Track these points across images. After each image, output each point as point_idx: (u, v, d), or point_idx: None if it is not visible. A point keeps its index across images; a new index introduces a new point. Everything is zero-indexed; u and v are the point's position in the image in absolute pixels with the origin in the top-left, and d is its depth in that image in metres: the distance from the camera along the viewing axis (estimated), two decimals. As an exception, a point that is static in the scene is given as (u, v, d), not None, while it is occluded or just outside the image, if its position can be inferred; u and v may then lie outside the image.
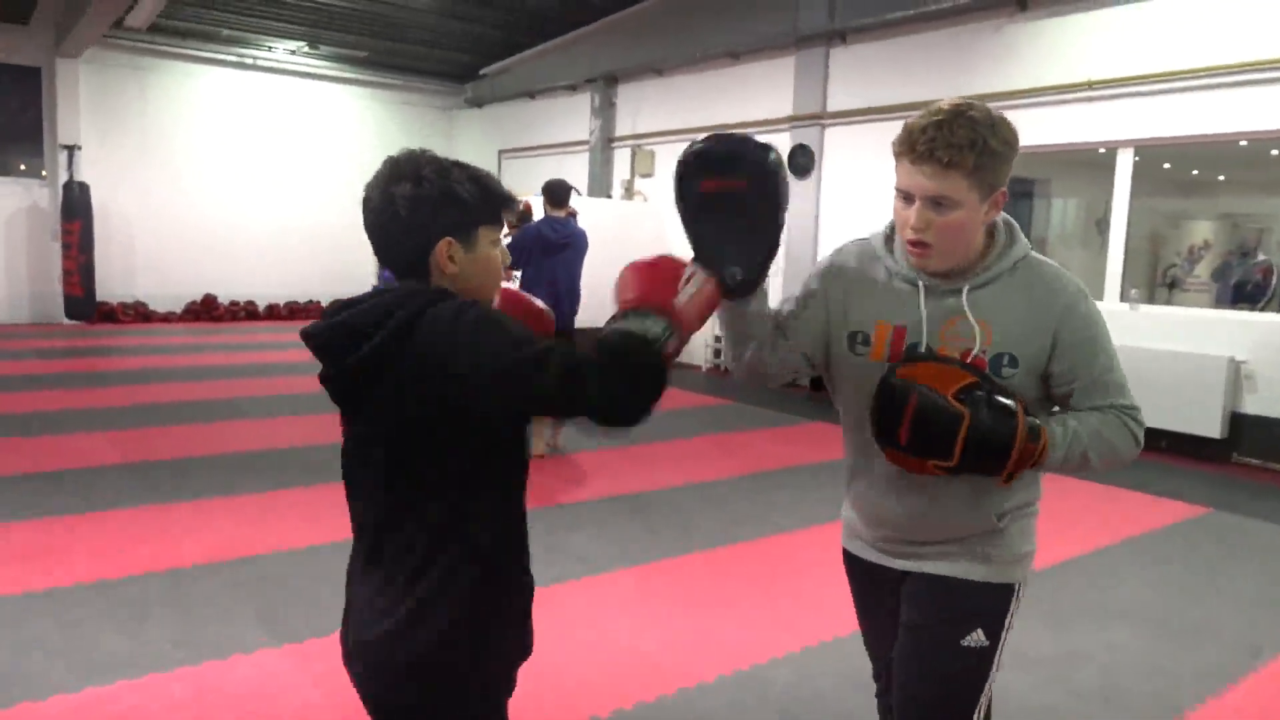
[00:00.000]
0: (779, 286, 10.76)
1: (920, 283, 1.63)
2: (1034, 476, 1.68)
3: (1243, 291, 9.44)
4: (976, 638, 1.64)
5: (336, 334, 1.33)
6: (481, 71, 14.65)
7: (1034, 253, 1.64)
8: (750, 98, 10.60)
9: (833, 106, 9.68)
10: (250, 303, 13.89)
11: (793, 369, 1.76)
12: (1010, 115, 1.56)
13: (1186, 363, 6.71)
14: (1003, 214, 1.64)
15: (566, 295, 5.85)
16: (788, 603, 3.68)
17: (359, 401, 1.37)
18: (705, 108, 11.15)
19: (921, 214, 1.53)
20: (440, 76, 15.47)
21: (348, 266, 13.83)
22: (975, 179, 1.50)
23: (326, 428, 2.29)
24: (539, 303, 1.64)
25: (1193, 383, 6.65)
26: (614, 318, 1.35)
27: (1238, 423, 6.71)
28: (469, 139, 16.11)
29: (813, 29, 9.52)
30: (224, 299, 13.75)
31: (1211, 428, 6.62)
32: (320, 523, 4.28)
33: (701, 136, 1.60)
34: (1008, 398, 1.53)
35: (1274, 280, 9.38)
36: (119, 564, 3.78)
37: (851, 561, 1.86)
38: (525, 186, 14.26)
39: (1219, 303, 9.58)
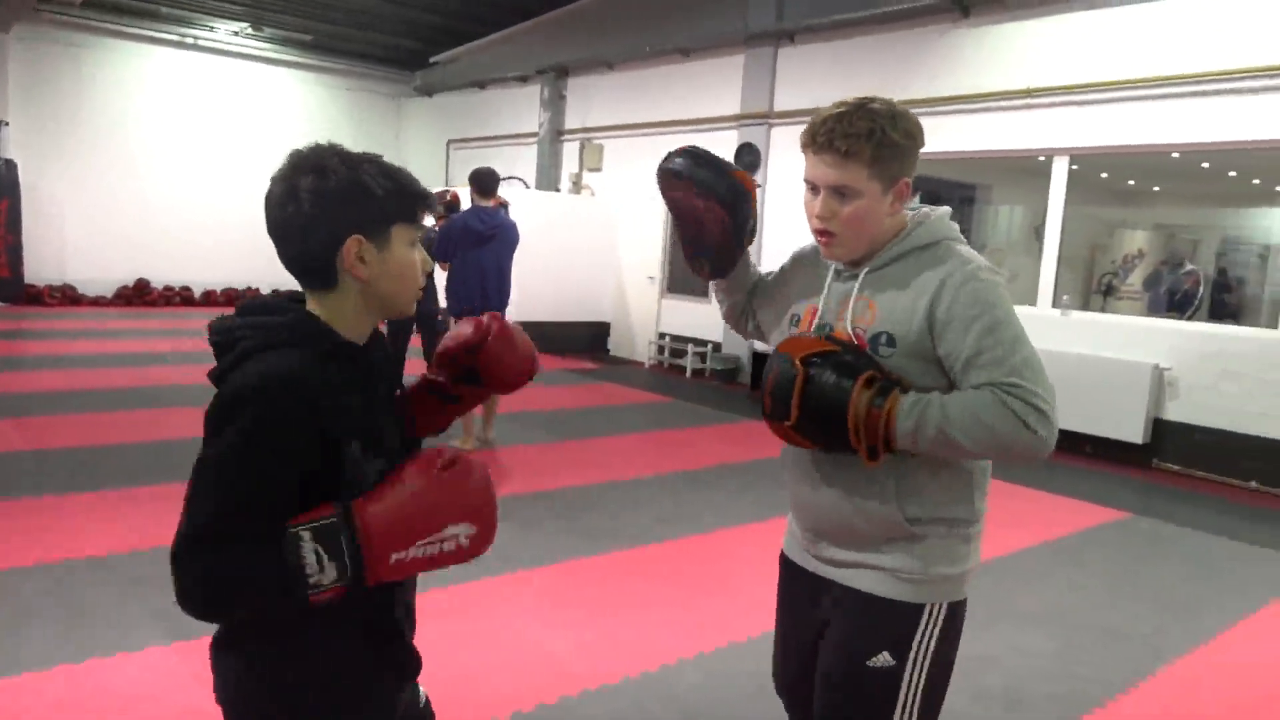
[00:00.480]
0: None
1: (833, 266, 1.68)
2: (968, 490, 1.63)
3: (1172, 300, 9.68)
4: (883, 659, 1.60)
5: (215, 337, 1.27)
6: (431, 59, 14.45)
7: (959, 245, 1.62)
8: (699, 95, 10.58)
9: (780, 106, 9.70)
10: (185, 289, 13.54)
11: (755, 332, 1.94)
12: (952, 120, 1.63)
13: (1112, 369, 6.84)
14: (939, 209, 1.66)
15: (495, 288, 5.74)
16: (706, 603, 3.65)
17: None
18: (655, 103, 11.11)
19: (826, 203, 1.57)
20: (388, 63, 15.24)
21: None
22: (875, 169, 1.53)
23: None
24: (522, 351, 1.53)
25: (1118, 389, 6.78)
26: (323, 514, 1.16)
27: (1160, 429, 6.86)
28: (417, 128, 15.88)
29: (762, 28, 9.53)
30: (158, 284, 13.38)
31: (1134, 433, 6.75)
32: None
33: (676, 150, 1.75)
34: (860, 368, 1.50)
35: (1201, 290, 9.63)
36: (5, 556, 3.62)
37: (783, 560, 1.86)
38: (473, 178, 14.21)
39: (1151, 311, 9.80)
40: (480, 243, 5.70)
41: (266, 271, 13.84)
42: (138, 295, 13.07)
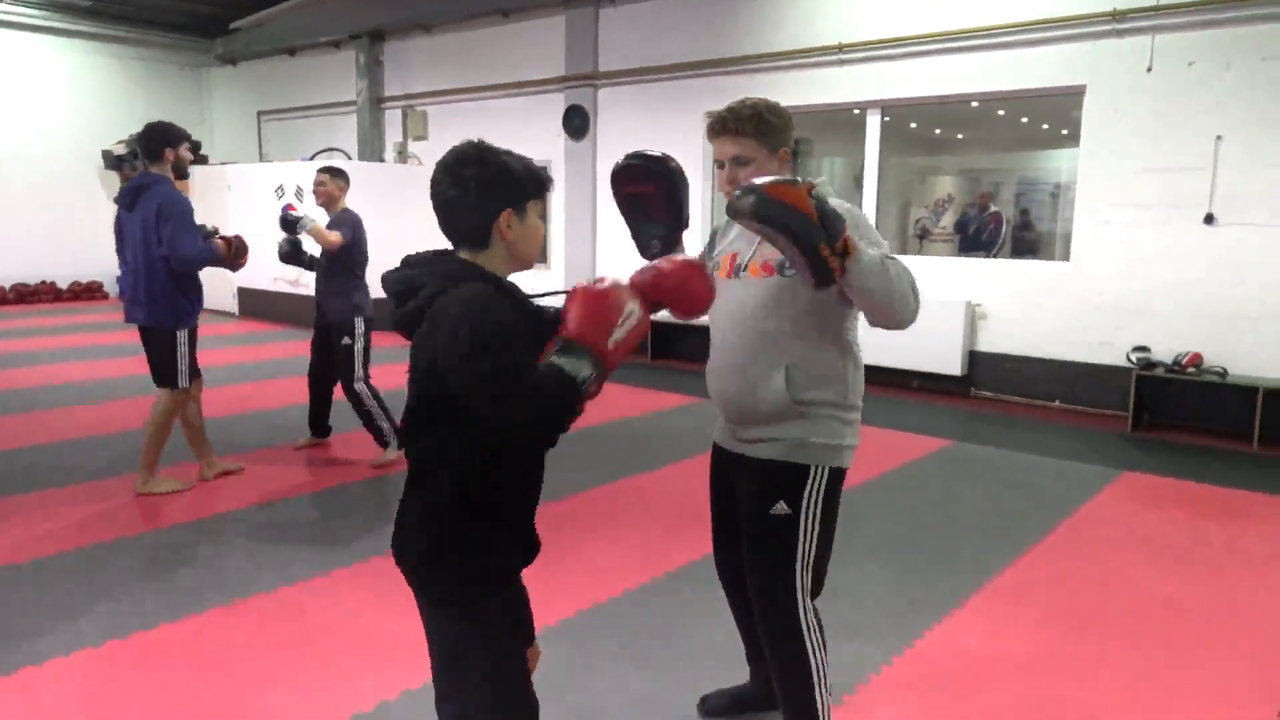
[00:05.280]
0: (561, 248, 10.65)
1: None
2: (839, 379, 2.16)
3: (979, 240, 10.40)
4: (780, 507, 2.13)
5: (398, 285, 1.65)
6: (232, 25, 13.44)
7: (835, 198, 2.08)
8: (523, 57, 10.38)
9: (605, 67, 9.65)
10: (-34, 286, 12.21)
11: None
12: (771, 76, 1.97)
13: (931, 307, 7.24)
14: (811, 179, 2.07)
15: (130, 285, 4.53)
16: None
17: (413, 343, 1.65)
18: (478, 68, 10.82)
19: (731, 170, 2.18)
20: (183, 30, 14.09)
21: (85, 245, 12.47)
22: (761, 140, 2.16)
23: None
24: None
25: (937, 326, 7.24)
26: (555, 348, 1.57)
27: (974, 359, 7.39)
28: (224, 100, 14.83)
29: (580, -13, 9.42)
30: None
31: (953, 366, 7.25)
32: (33, 535, 3.78)
33: (627, 155, 2.25)
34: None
35: (1004, 229, 10.40)
36: None
37: (714, 449, 2.41)
38: (288, 151, 13.41)
39: (962, 251, 10.49)
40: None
41: (61, 264, 12.67)
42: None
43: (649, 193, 2.22)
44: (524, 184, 1.67)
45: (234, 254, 4.61)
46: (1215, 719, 2.66)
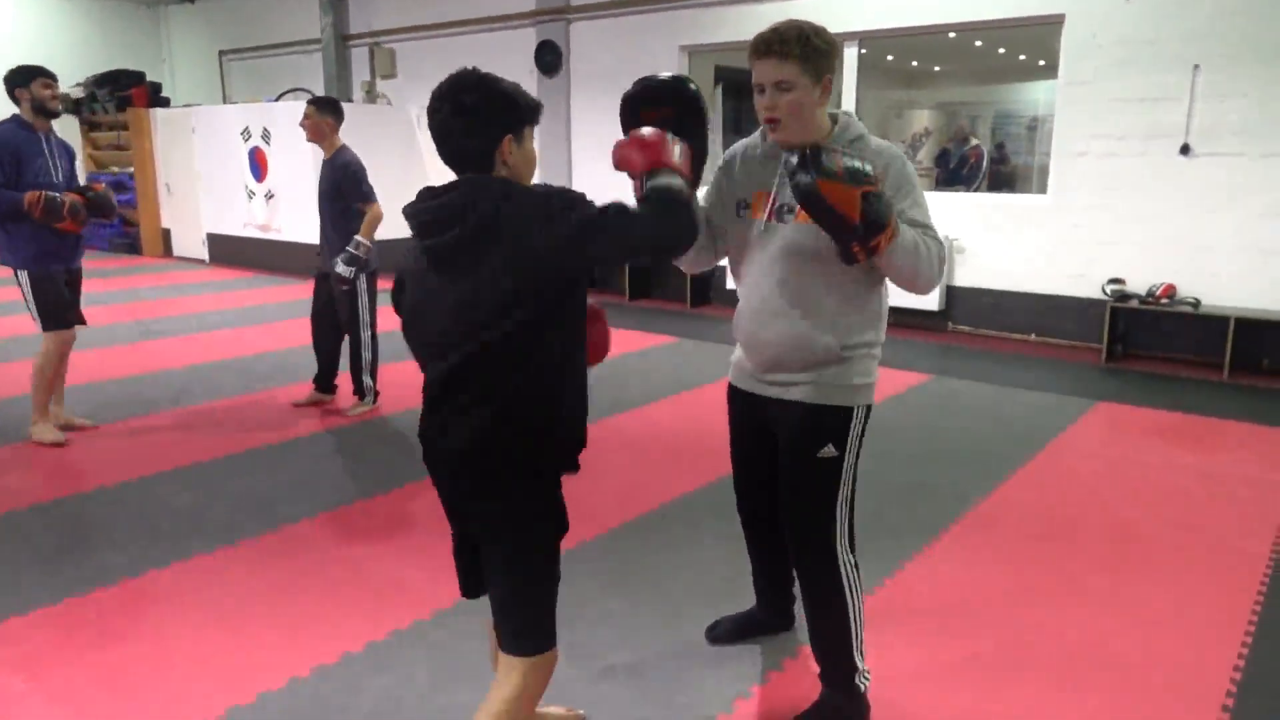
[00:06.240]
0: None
1: (782, 155, 2.10)
2: (876, 321, 2.18)
3: (960, 174, 10.37)
4: (829, 450, 2.15)
5: (436, 214, 1.66)
6: (188, -40, 12.96)
7: (870, 136, 2.13)
8: (492, -9, 10.09)
9: (577, 0, 9.41)
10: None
11: (708, 258, 2.33)
12: (746, 9, 1.72)
13: (909, 243, 7.27)
14: (845, 111, 2.17)
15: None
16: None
17: (456, 271, 1.67)
18: (446, 2, 10.51)
19: (771, 96, 2.03)
20: (138, -34, 13.56)
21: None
22: (805, 65, 1.99)
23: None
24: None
25: (915, 262, 7.23)
26: (644, 177, 1.73)
27: (952, 294, 7.42)
28: (184, 40, 14.36)
29: (549, -84, 9.12)
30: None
31: (931, 301, 7.28)
32: None
33: (637, 80, 2.14)
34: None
35: (985, 163, 10.37)
36: None
37: (733, 393, 2.37)
38: (252, 91, 13.03)
39: (941, 185, 10.46)
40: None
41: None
42: None
43: (670, 115, 2.05)
44: (522, 109, 1.71)
45: (46, 210, 4.22)
46: (1180, 634, 2.75)
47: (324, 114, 4.95)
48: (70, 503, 3.81)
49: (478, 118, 1.66)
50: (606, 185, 2.29)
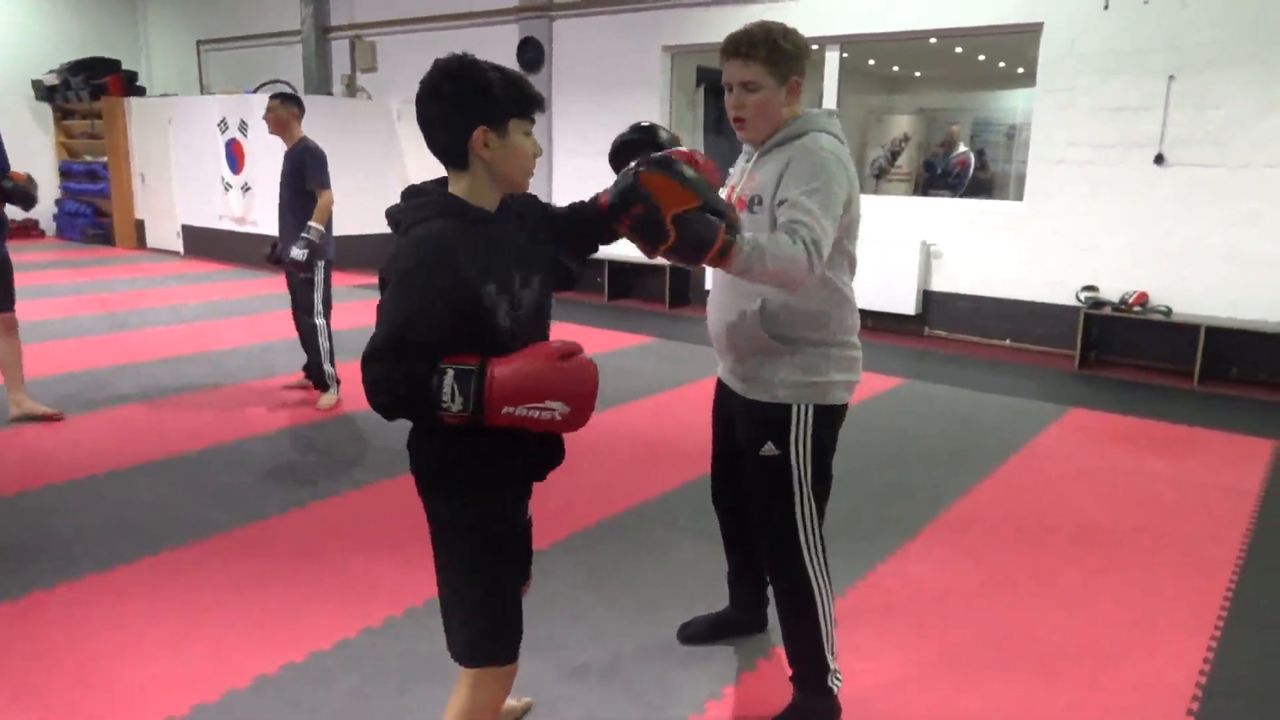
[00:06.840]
0: (545, 192, 10.45)
1: (745, 150, 2.24)
2: (824, 319, 2.12)
3: (946, 181, 10.43)
4: (769, 448, 2.15)
5: (389, 221, 1.66)
6: (166, -52, 12.80)
7: (823, 134, 2.08)
8: (475, -14, 10.04)
9: (559, -3, 9.39)
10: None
11: None
12: (728, 13, 1.70)
13: (887, 247, 7.33)
14: (822, 110, 2.18)
15: None
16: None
17: None
18: (427, -4, 10.45)
19: (738, 95, 2.09)
20: (115, -47, 13.37)
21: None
22: (771, 68, 2.04)
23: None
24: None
25: (892, 266, 7.30)
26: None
27: (928, 299, 7.48)
28: (161, 28, 14.18)
29: (534, -87, 9.08)
30: None
31: (908, 305, 7.33)
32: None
33: (628, 128, 2.04)
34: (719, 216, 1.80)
35: (970, 170, 10.44)
36: None
37: (717, 381, 2.43)
38: (231, 82, 12.90)
39: (922, 191, 10.51)
40: None
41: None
42: None
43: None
44: (500, 100, 1.59)
45: None
46: (1149, 636, 2.78)
47: (288, 106, 5.03)
48: (35, 495, 3.75)
49: (450, 107, 1.58)
50: (586, 182, 2.28)
